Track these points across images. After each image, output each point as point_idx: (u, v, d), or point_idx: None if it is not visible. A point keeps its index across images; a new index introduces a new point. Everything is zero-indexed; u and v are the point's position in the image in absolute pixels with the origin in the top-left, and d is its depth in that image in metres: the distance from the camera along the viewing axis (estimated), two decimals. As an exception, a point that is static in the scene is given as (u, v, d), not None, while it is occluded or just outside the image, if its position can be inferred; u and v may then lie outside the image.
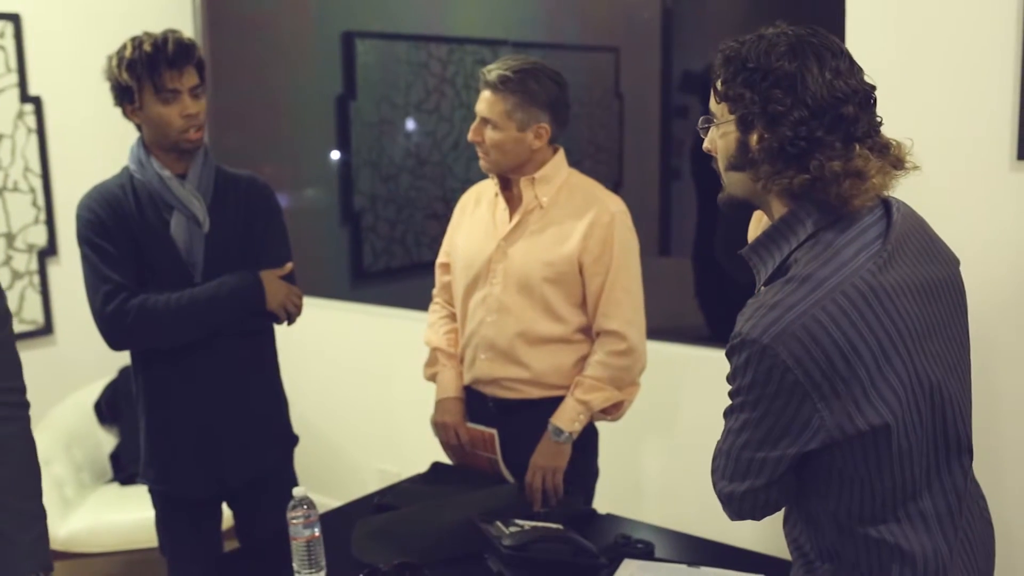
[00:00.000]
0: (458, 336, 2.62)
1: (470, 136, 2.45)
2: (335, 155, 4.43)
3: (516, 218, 2.46)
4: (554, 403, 2.45)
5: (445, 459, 2.69)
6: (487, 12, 4.19)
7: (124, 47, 2.33)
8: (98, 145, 4.15)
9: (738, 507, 1.50)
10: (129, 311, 2.27)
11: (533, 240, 2.44)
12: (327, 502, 3.49)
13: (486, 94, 2.41)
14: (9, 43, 3.85)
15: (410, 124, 4.30)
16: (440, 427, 2.58)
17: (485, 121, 2.41)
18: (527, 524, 2.15)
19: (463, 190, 2.73)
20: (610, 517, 2.40)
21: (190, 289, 2.33)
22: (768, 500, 1.49)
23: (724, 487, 1.50)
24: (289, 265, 2.48)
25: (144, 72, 2.29)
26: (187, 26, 4.39)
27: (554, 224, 2.43)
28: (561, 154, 2.50)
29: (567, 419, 2.41)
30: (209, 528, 2.49)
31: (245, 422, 2.45)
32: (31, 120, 3.94)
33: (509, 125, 2.39)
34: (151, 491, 2.47)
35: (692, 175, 3.55)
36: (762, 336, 1.35)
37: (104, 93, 4.18)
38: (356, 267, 4.40)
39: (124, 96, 2.35)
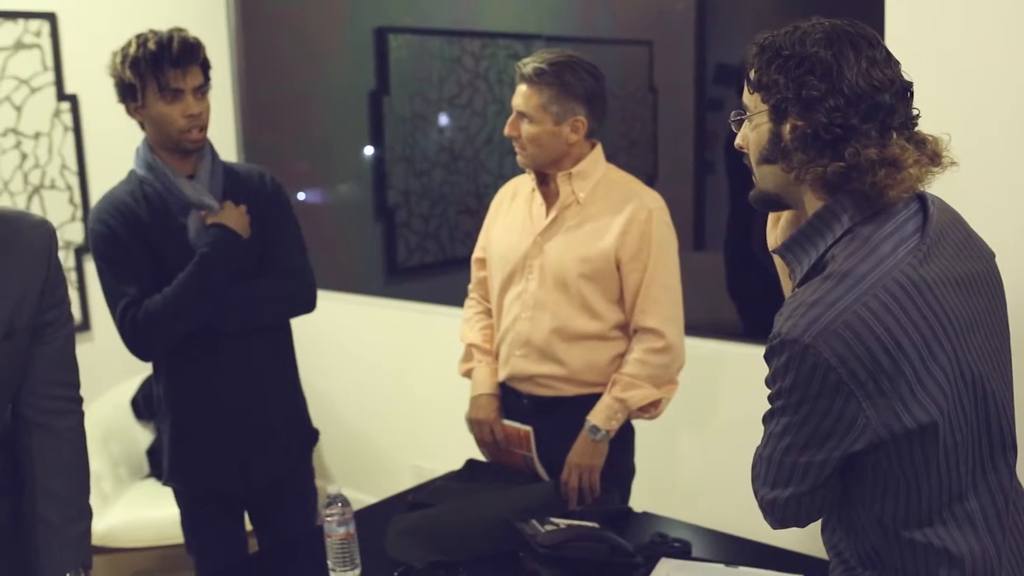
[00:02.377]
0: (493, 332, 2.61)
1: (506, 130, 2.43)
2: (368, 151, 4.43)
3: (553, 213, 2.44)
4: (590, 400, 2.43)
5: (480, 456, 2.67)
6: (520, 6, 4.17)
7: (129, 44, 2.31)
8: (133, 143, 4.17)
9: (781, 515, 1.46)
10: (141, 319, 2.26)
11: (570, 236, 2.42)
12: (361, 498, 3.49)
13: (522, 88, 2.39)
14: (45, 42, 3.88)
15: (443, 119, 4.29)
16: (475, 424, 2.57)
17: (521, 115, 2.39)
18: (563, 523, 2.13)
19: (496, 185, 2.71)
20: (646, 515, 2.38)
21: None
22: (812, 506, 1.45)
23: (766, 494, 1.46)
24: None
25: (148, 70, 2.27)
26: (221, 24, 4.41)
27: (591, 220, 2.41)
28: (599, 149, 2.47)
29: (604, 417, 2.39)
30: (234, 527, 2.49)
31: (268, 417, 2.45)
32: (67, 118, 3.96)
33: (545, 118, 2.37)
34: (176, 492, 2.48)
35: (726, 168, 3.51)
36: (803, 335, 1.32)
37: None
38: (390, 263, 4.39)
39: (127, 94, 2.33)
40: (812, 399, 1.35)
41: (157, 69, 2.26)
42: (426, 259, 4.38)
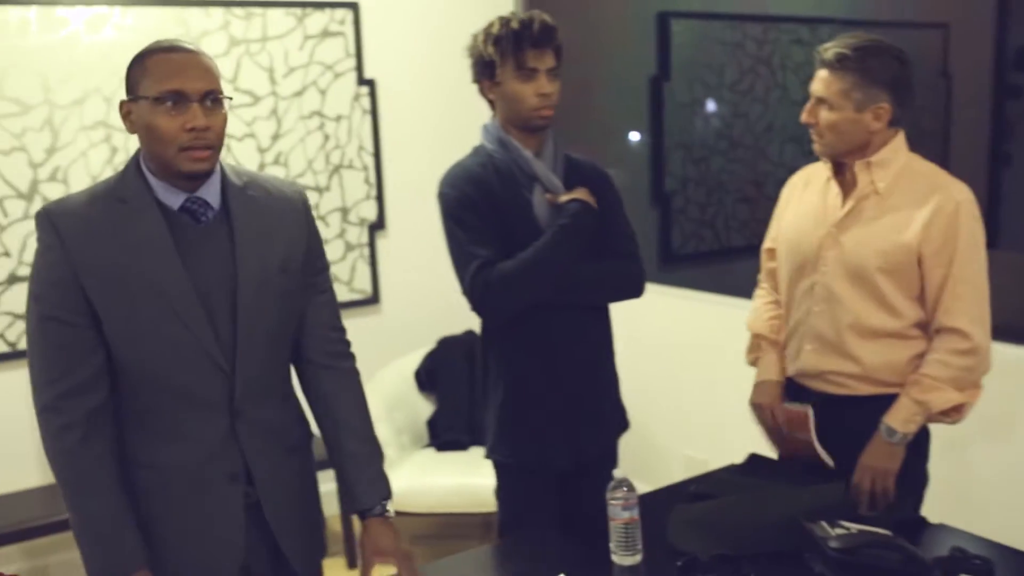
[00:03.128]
0: (782, 323, 2.54)
1: (803, 117, 2.35)
2: (634, 136, 4.43)
3: (850, 204, 2.35)
4: (884, 401, 2.32)
5: (755, 447, 2.62)
6: (809, -12, 4.03)
7: (491, 24, 2.40)
8: (426, 126, 4.38)
9: None
10: (496, 279, 2.32)
11: (868, 228, 2.32)
12: (635, 485, 3.51)
13: (822, 73, 2.31)
14: (349, 30, 4.12)
15: (723, 105, 4.22)
16: (756, 408, 2.53)
17: (820, 101, 2.31)
18: (854, 527, 2.05)
19: (776, 174, 2.63)
20: (942, 528, 2.24)
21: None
22: None
23: None
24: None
25: (508, 48, 2.35)
26: (509, 8, 4.52)
27: (892, 211, 2.30)
28: (901, 137, 2.35)
29: (902, 419, 2.28)
30: (550, 502, 2.52)
31: (597, 395, 2.52)
32: (366, 102, 4.20)
33: (846, 105, 2.27)
34: (498, 464, 2.53)
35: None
36: None
37: (432, 76, 4.41)
38: (665, 249, 4.37)
39: (484, 71, 2.41)
40: None
41: (517, 48, 2.34)
42: (701, 247, 4.33)
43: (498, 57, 2.36)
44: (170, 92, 1.74)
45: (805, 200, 2.48)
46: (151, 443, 1.85)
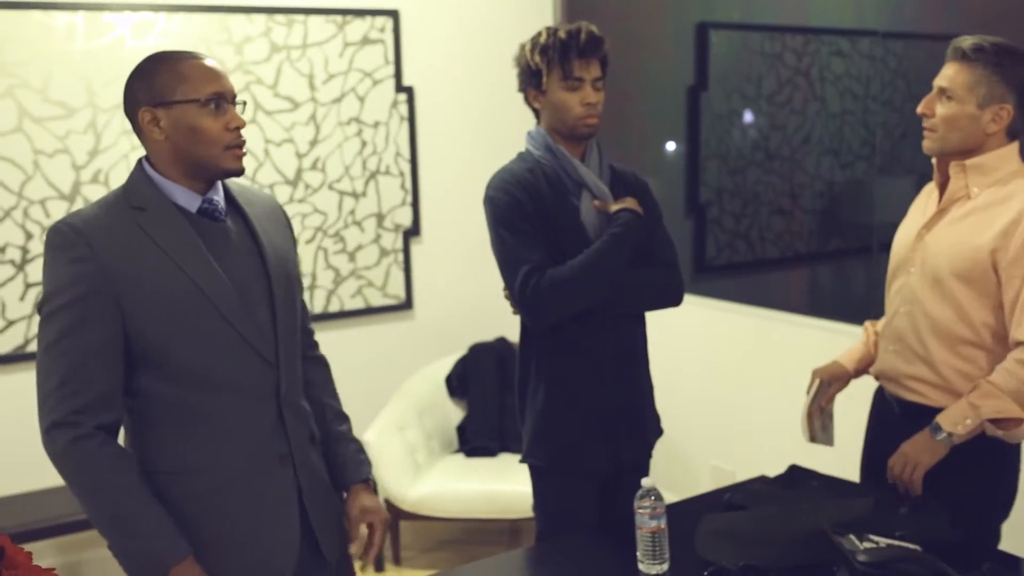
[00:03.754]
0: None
1: (920, 108, 2.30)
2: (671, 146, 4.43)
3: (941, 205, 2.32)
4: None
5: (784, 461, 2.61)
6: (850, 0, 4.01)
7: (539, 34, 2.42)
8: (463, 134, 4.41)
9: None
10: (547, 285, 2.33)
11: (950, 229, 2.27)
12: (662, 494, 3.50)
13: (951, 65, 2.25)
14: (388, 37, 4.16)
15: (760, 117, 4.21)
16: (812, 373, 2.57)
17: (941, 92, 2.26)
18: (883, 541, 2.03)
19: (812, 186, 2.61)
20: (977, 547, 2.22)
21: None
22: None
23: None
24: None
25: (555, 57, 2.37)
26: (548, 19, 4.55)
27: (975, 214, 2.24)
28: (1013, 148, 2.27)
29: (951, 419, 2.22)
30: (589, 507, 2.52)
31: (637, 402, 2.54)
32: (404, 109, 4.23)
33: (969, 99, 2.22)
34: (534, 468, 2.52)
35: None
36: None
37: (469, 85, 4.43)
38: (698, 259, 4.37)
39: (531, 80, 2.43)
40: None
41: (564, 57, 2.37)
42: (735, 258, 4.32)
43: (545, 66, 2.39)
44: (214, 95, 1.82)
45: (917, 207, 2.47)
46: (202, 447, 1.87)
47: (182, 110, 1.81)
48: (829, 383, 2.55)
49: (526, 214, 2.38)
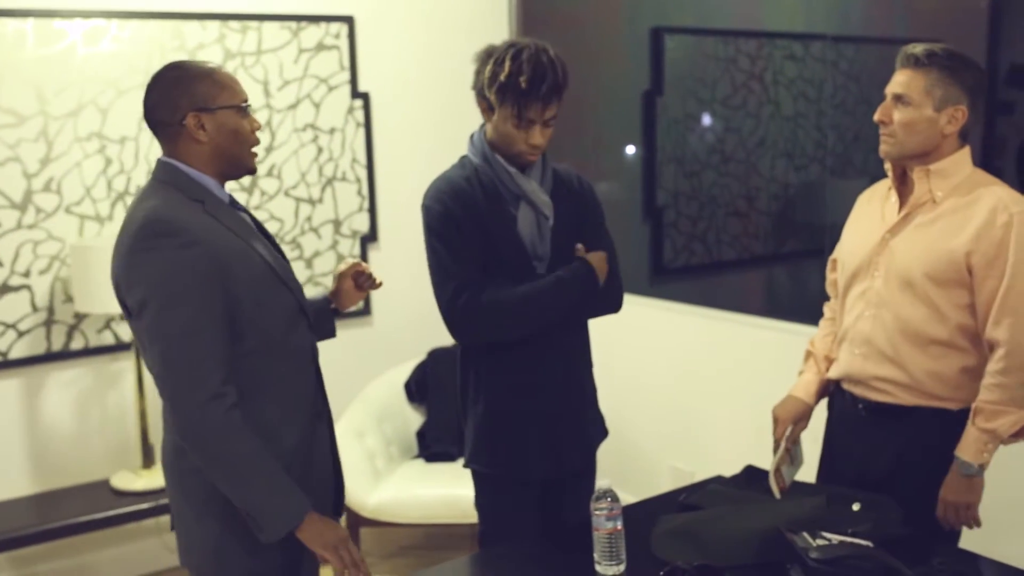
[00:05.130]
0: (835, 338, 2.56)
1: (877, 116, 2.34)
2: (630, 150, 4.46)
3: (905, 210, 2.35)
4: (930, 414, 2.32)
5: (741, 461, 2.64)
6: (802, 5, 4.06)
7: (501, 64, 2.31)
8: (419, 139, 4.41)
9: None
10: (478, 306, 2.32)
11: (919, 234, 2.31)
12: (620, 496, 3.52)
13: (904, 72, 2.30)
14: (343, 43, 4.15)
15: (715, 120, 4.25)
16: (774, 418, 2.55)
17: (898, 99, 2.30)
18: (835, 538, 2.06)
19: (768, 189, 2.64)
20: (928, 543, 2.25)
21: (530, 283, 2.37)
22: None
23: None
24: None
25: (510, 100, 2.31)
26: (503, 24, 4.56)
27: (944, 218, 2.29)
28: (966, 152, 2.34)
29: (974, 451, 2.25)
30: (530, 511, 2.53)
31: (578, 407, 2.52)
32: (360, 115, 4.22)
33: (926, 102, 2.26)
34: (477, 474, 2.53)
35: (1017, 175, 3.29)
36: None
37: (425, 90, 4.43)
38: (656, 262, 4.40)
39: (482, 97, 2.38)
40: None
41: (520, 103, 2.30)
42: (692, 260, 4.36)
43: (497, 102, 2.33)
44: (245, 101, 2.05)
45: (868, 210, 2.50)
46: (272, 409, 2.04)
47: (225, 115, 2.01)
48: (794, 424, 2.53)
49: (459, 226, 2.36)
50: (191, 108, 1.98)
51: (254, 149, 2.07)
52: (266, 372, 2.02)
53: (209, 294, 1.91)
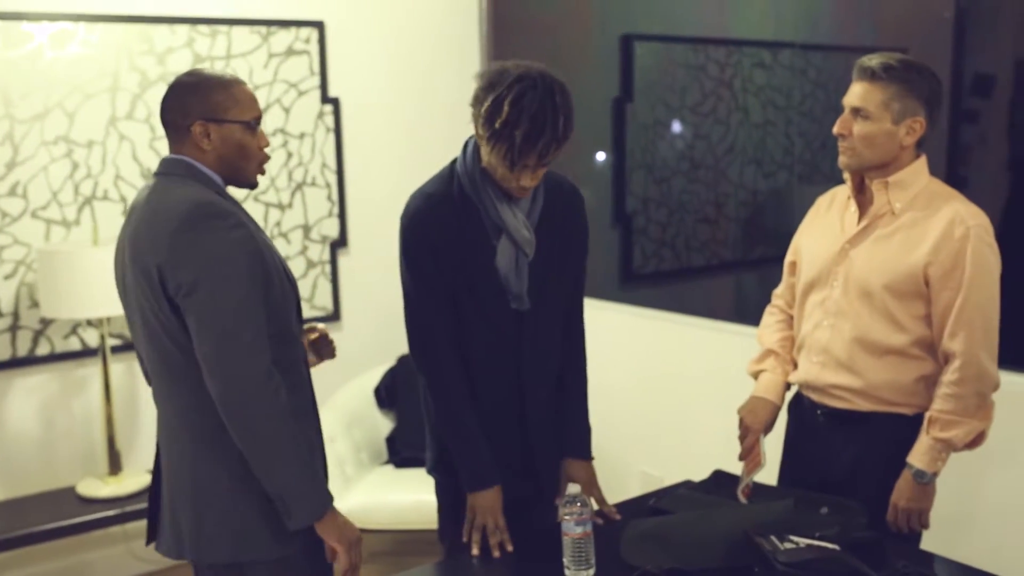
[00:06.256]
0: (793, 341, 2.57)
1: (836, 128, 2.35)
2: (600, 156, 4.48)
3: (864, 221, 2.37)
4: (886, 420, 2.35)
5: (711, 465, 2.65)
6: (771, 14, 4.10)
7: (499, 107, 2.10)
8: (389, 144, 4.40)
9: None
10: (432, 357, 2.30)
11: (878, 246, 2.34)
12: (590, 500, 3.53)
13: (862, 84, 2.30)
14: (314, 48, 4.14)
15: (685, 127, 4.27)
16: (740, 422, 2.54)
17: (856, 112, 2.31)
18: (803, 541, 2.08)
19: (736, 195, 2.65)
20: (894, 545, 2.27)
21: (456, 425, 2.34)
22: None
23: None
24: None
25: (503, 147, 2.12)
26: (473, 29, 4.57)
27: (903, 231, 2.31)
28: (923, 161, 2.36)
29: (928, 460, 2.28)
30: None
31: (541, 414, 2.44)
32: (330, 120, 4.21)
33: (884, 116, 2.28)
34: (438, 482, 2.50)
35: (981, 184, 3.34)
36: None
37: (395, 96, 4.43)
38: (626, 268, 4.42)
39: (476, 131, 2.20)
40: None
41: (513, 157, 2.13)
42: (662, 266, 4.38)
43: (489, 148, 2.14)
44: (256, 119, 2.10)
45: (826, 219, 2.51)
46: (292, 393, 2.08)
47: (231, 128, 2.06)
48: (754, 425, 2.52)
49: (434, 254, 2.25)
50: (200, 116, 2.04)
51: (262, 164, 2.13)
52: (281, 358, 2.05)
53: (256, 275, 1.99)
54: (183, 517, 2.10)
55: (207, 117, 2.04)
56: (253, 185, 2.16)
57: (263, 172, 2.15)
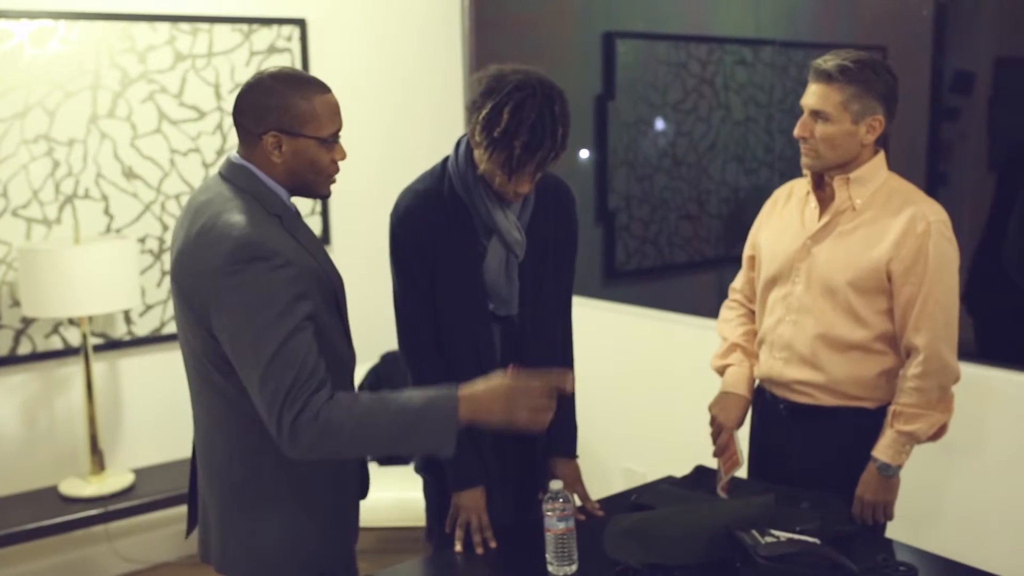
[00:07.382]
0: (755, 335, 2.58)
1: (797, 131, 2.36)
2: (582, 154, 4.48)
3: (826, 218, 2.38)
4: (849, 413, 2.38)
5: (693, 461, 2.66)
6: (751, 11, 4.11)
7: (498, 115, 2.07)
8: (373, 142, 4.40)
9: None
10: (418, 355, 2.31)
11: (840, 242, 2.36)
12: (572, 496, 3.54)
13: (818, 86, 2.32)
14: (295, 46, 4.14)
15: (667, 124, 4.28)
16: (712, 419, 2.54)
17: (816, 114, 2.32)
18: (783, 535, 2.09)
19: (718, 192, 2.66)
20: (873, 537, 2.30)
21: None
22: None
23: None
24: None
25: (502, 161, 2.10)
26: (455, 27, 4.57)
27: (865, 227, 2.34)
28: (881, 156, 2.38)
29: (892, 453, 2.31)
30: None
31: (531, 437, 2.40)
32: (312, 117, 4.20)
33: (844, 117, 2.29)
34: (427, 483, 2.50)
35: (961, 181, 3.37)
36: None
37: (377, 93, 4.42)
38: (608, 265, 4.43)
39: (471, 135, 2.18)
40: None
41: (508, 164, 2.10)
42: (644, 263, 4.39)
43: (485, 155, 2.12)
44: (333, 134, 1.96)
45: (785, 212, 2.52)
46: None
47: (306, 144, 1.92)
48: (727, 421, 2.52)
49: (422, 255, 2.25)
50: (274, 127, 1.89)
51: (332, 177, 2.00)
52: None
53: (299, 310, 1.84)
54: (212, 529, 2.06)
55: (281, 128, 1.89)
56: (325, 196, 2.03)
57: (334, 182, 2.02)
